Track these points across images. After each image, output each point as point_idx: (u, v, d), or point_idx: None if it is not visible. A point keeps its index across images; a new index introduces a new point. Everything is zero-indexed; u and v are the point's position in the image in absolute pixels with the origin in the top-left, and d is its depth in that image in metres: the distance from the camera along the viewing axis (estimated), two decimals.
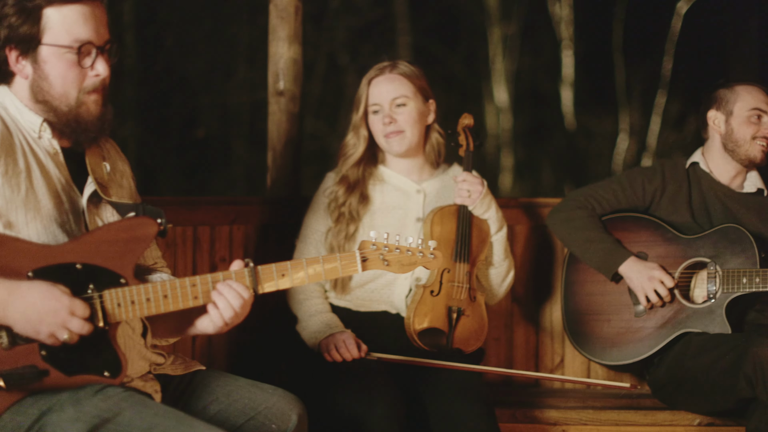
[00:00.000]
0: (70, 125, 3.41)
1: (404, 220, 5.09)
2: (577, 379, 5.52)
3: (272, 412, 3.54)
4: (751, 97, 5.18)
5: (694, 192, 5.21)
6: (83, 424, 3.12)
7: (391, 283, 5.03)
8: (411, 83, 5.07)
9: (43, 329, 3.14)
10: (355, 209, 5.05)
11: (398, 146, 5.05)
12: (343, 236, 5.01)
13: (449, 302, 4.93)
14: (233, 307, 3.42)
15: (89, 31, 3.37)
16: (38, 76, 3.37)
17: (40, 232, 3.31)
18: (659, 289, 5.05)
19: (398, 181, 5.16)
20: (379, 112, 5.06)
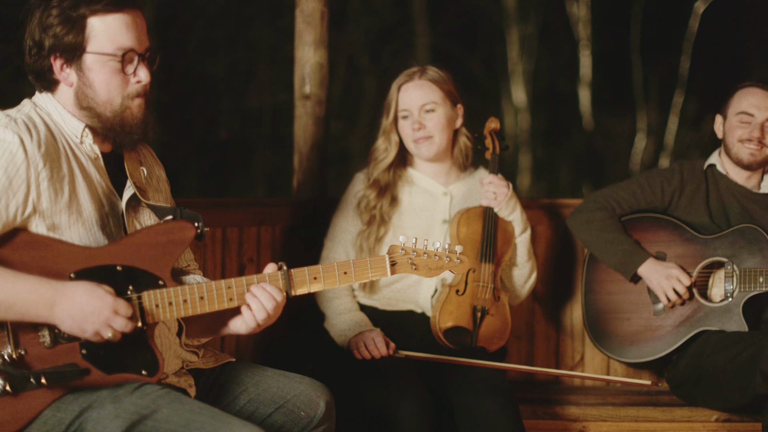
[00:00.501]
0: (114, 129, 3.49)
1: (431, 222, 5.16)
2: (597, 377, 5.54)
3: (300, 399, 3.63)
4: (744, 99, 5.22)
5: (712, 193, 5.26)
6: (122, 421, 3.22)
7: (417, 283, 5.11)
8: (440, 89, 5.13)
9: (88, 328, 3.23)
10: (386, 212, 5.13)
11: (427, 151, 5.12)
12: (374, 239, 5.09)
13: (474, 301, 4.99)
14: (266, 310, 3.51)
15: (131, 39, 3.44)
16: (83, 83, 3.44)
17: (82, 234, 3.39)
18: (677, 287, 5.11)
19: (426, 184, 5.23)
20: (409, 118, 5.12)
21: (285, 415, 3.61)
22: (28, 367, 3.25)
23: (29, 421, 3.25)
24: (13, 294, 3.17)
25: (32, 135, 3.31)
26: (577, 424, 5.11)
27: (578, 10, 15.17)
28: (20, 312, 3.19)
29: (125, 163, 3.61)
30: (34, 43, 3.43)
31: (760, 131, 5.17)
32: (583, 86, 15.35)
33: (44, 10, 3.40)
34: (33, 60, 3.46)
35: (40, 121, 3.41)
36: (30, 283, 3.19)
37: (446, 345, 4.96)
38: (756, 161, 5.19)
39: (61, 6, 3.38)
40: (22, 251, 3.28)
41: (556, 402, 5.23)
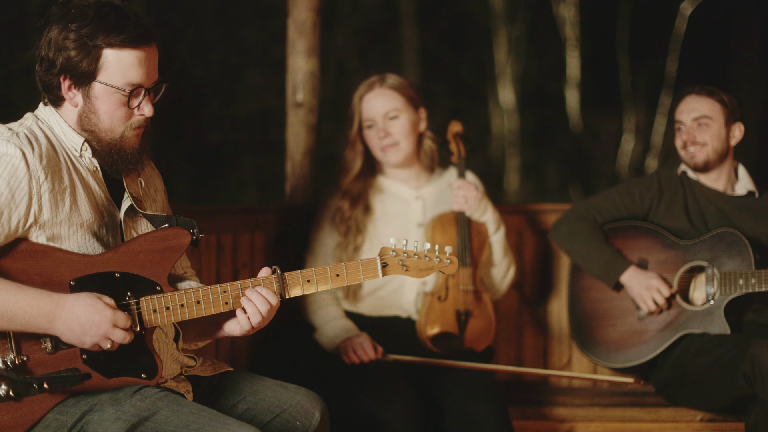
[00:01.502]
0: (111, 156, 3.54)
1: (405, 227, 5.21)
2: (583, 375, 5.61)
3: (297, 409, 3.67)
4: (677, 109, 5.36)
5: (689, 198, 5.32)
6: (123, 423, 3.30)
7: (399, 288, 5.17)
8: (401, 95, 5.18)
9: (87, 340, 3.31)
10: (361, 221, 5.17)
11: (395, 158, 5.17)
12: (352, 248, 5.15)
13: (457, 306, 5.07)
14: (261, 313, 3.57)
15: (141, 75, 3.48)
16: (88, 108, 3.49)
17: (81, 244, 3.45)
18: (656, 297, 5.17)
19: (397, 190, 5.28)
20: (373, 127, 5.17)
21: (281, 424, 3.65)
22: (30, 372, 3.31)
23: (32, 424, 3.32)
24: (14, 306, 3.23)
25: (34, 148, 3.36)
26: (564, 424, 5.18)
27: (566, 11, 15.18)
28: (21, 323, 3.26)
29: (123, 175, 3.65)
30: (46, 57, 3.47)
31: (689, 133, 5.27)
32: (570, 87, 15.35)
33: (62, 30, 3.43)
34: (43, 73, 3.50)
35: (41, 134, 3.45)
36: (31, 296, 3.26)
37: (435, 351, 5.02)
38: (702, 161, 5.27)
39: (79, 32, 3.41)
40: (22, 260, 3.34)
41: (544, 403, 5.30)
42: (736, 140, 5.27)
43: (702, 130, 5.22)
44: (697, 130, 5.23)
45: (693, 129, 5.24)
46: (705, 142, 5.21)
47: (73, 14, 3.45)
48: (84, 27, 3.42)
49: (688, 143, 5.25)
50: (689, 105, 5.27)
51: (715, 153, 5.23)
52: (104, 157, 3.55)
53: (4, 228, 3.29)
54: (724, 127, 5.22)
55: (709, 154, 5.23)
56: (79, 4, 3.48)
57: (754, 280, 5.03)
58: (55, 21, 3.47)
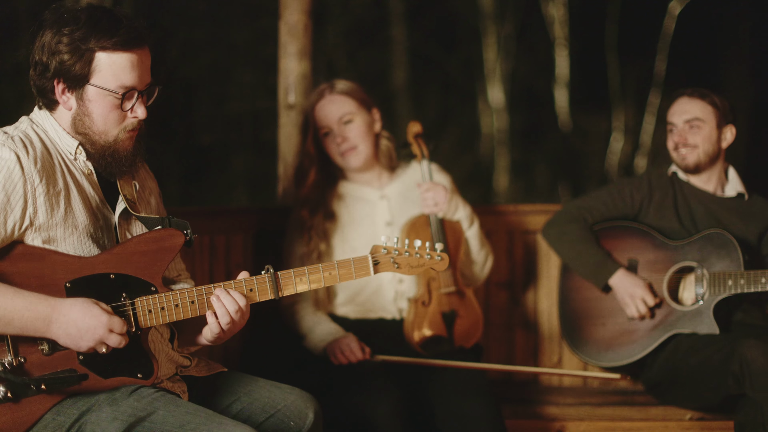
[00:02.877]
0: (105, 159, 3.57)
1: (374, 227, 5.24)
2: (572, 372, 5.65)
3: (290, 410, 3.71)
4: (669, 111, 5.38)
5: (679, 199, 5.35)
6: (120, 423, 3.33)
7: (377, 291, 5.20)
8: (352, 98, 5.20)
9: (83, 344, 3.35)
10: (321, 229, 5.19)
11: (356, 161, 5.19)
12: (316, 255, 5.15)
13: (442, 308, 5.08)
14: (230, 314, 3.58)
15: (134, 78, 3.51)
16: (82, 111, 3.52)
17: (77, 246, 3.48)
18: (640, 306, 5.21)
19: (361, 193, 5.30)
20: (330, 134, 5.19)
21: (275, 424, 3.68)
22: (27, 373, 3.35)
23: (31, 425, 3.35)
24: (12, 310, 3.27)
25: (29, 152, 3.39)
26: (555, 423, 5.21)
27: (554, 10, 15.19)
28: (18, 327, 3.29)
29: (117, 178, 3.67)
30: (40, 62, 3.49)
31: (681, 135, 5.28)
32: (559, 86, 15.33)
33: (55, 34, 3.45)
34: (37, 77, 3.53)
35: (36, 137, 3.48)
36: (28, 301, 3.29)
37: (426, 356, 5.03)
38: (693, 162, 5.29)
39: (72, 35, 3.43)
40: (18, 263, 3.37)
41: (535, 402, 5.34)
42: (727, 143, 5.29)
43: (693, 132, 5.25)
44: (688, 132, 5.25)
45: (684, 131, 5.27)
46: (696, 144, 5.24)
47: (65, 18, 3.48)
48: (77, 31, 3.45)
49: (680, 145, 5.27)
50: (681, 107, 5.29)
51: (706, 155, 5.26)
52: (98, 160, 3.58)
53: (0, 231, 3.32)
54: (716, 129, 5.25)
55: (700, 156, 5.25)
56: (72, 9, 3.51)
57: (743, 280, 5.06)
58: (48, 26, 3.49)
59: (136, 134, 3.62)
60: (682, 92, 5.33)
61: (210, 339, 3.71)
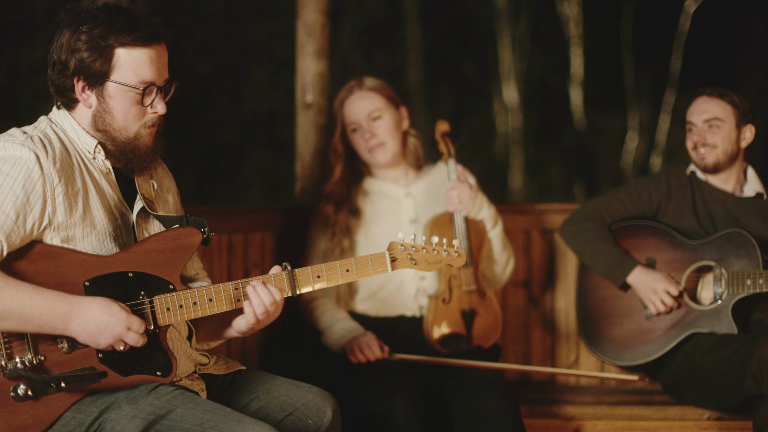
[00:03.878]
0: (126, 155, 3.58)
1: (398, 224, 5.24)
2: (589, 374, 5.64)
3: (309, 408, 3.72)
4: (688, 111, 5.35)
5: (698, 198, 5.33)
6: (140, 421, 3.35)
7: (399, 288, 5.21)
8: (381, 95, 5.22)
9: (102, 342, 3.36)
10: (345, 225, 5.21)
11: (383, 157, 5.22)
12: (339, 251, 5.18)
13: (461, 306, 5.09)
14: (265, 305, 3.59)
15: (153, 73, 3.53)
16: (102, 108, 3.53)
17: (95, 245, 3.49)
18: (665, 299, 5.19)
19: (386, 190, 5.32)
20: (358, 130, 5.22)
21: (294, 423, 3.70)
22: (47, 371, 3.36)
23: (51, 423, 3.36)
24: (31, 307, 3.27)
25: (48, 151, 3.40)
26: (572, 422, 5.20)
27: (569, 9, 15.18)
28: (38, 325, 3.30)
29: (135, 177, 3.69)
30: (59, 61, 3.51)
31: (700, 134, 5.26)
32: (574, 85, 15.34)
33: (74, 32, 3.47)
34: (56, 76, 3.54)
35: (55, 137, 3.49)
36: (47, 298, 3.30)
37: (444, 353, 5.05)
38: (713, 162, 5.26)
39: (91, 33, 3.45)
40: (37, 262, 3.39)
41: (552, 401, 5.33)
42: (746, 142, 5.27)
43: (713, 131, 5.23)
44: (707, 132, 5.24)
45: (704, 131, 5.25)
46: (715, 144, 5.22)
47: (83, 17, 3.50)
48: (95, 28, 3.47)
49: (699, 145, 5.25)
50: (700, 106, 5.27)
51: (726, 155, 5.24)
52: (119, 157, 3.60)
53: (20, 230, 3.33)
54: (735, 129, 5.23)
55: (720, 155, 5.23)
56: (88, 8, 3.53)
57: (762, 280, 5.05)
58: (66, 25, 3.51)
59: (156, 130, 3.64)
60: (702, 92, 5.31)
61: (243, 330, 3.71)
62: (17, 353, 3.34)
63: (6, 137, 3.43)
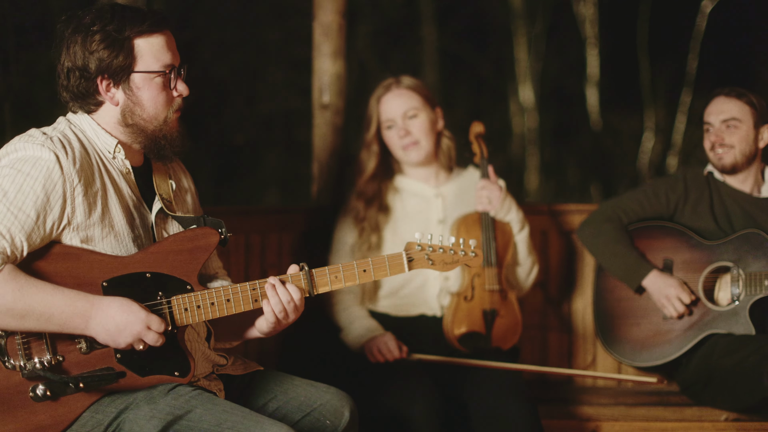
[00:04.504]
0: (158, 142, 3.62)
1: (426, 224, 5.26)
2: (607, 375, 5.60)
3: (326, 408, 3.72)
4: (705, 111, 5.33)
5: (715, 199, 5.32)
6: (158, 421, 3.36)
7: (423, 285, 5.22)
8: (418, 95, 5.25)
9: (121, 341, 3.37)
10: (375, 221, 5.24)
11: (416, 155, 5.23)
12: (366, 247, 5.20)
13: (483, 305, 5.10)
14: (283, 303, 3.61)
15: (171, 55, 3.58)
16: (131, 101, 3.56)
17: (114, 245, 3.50)
18: (677, 305, 5.19)
19: (417, 188, 5.34)
20: (393, 127, 5.24)
21: (311, 423, 3.71)
22: (66, 372, 3.38)
23: (69, 423, 3.38)
24: (51, 306, 3.29)
25: (67, 152, 3.42)
26: (590, 423, 5.19)
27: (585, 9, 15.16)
28: (58, 324, 3.32)
29: (154, 177, 3.72)
30: (76, 66, 3.52)
31: (718, 135, 5.25)
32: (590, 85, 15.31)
33: (86, 36, 3.49)
34: (76, 83, 3.54)
35: (74, 137, 3.51)
36: (68, 297, 3.32)
37: (462, 351, 5.06)
38: (730, 163, 5.26)
39: (105, 30, 3.48)
40: (56, 263, 3.40)
41: (569, 402, 5.33)
42: (764, 142, 5.26)
43: (730, 132, 5.22)
44: (725, 132, 5.23)
45: (721, 131, 5.24)
46: (733, 144, 5.21)
47: (90, 19, 3.53)
48: (108, 25, 3.50)
49: (716, 145, 5.25)
50: (718, 107, 5.26)
51: (743, 155, 5.23)
52: (151, 147, 3.63)
53: (40, 230, 3.34)
54: (753, 129, 5.22)
55: (737, 156, 5.22)
56: (88, 11, 3.57)
57: None
58: (74, 32, 3.53)
59: (179, 115, 3.67)
60: (719, 92, 5.30)
61: (265, 330, 3.73)
62: (36, 354, 3.35)
63: (26, 138, 3.44)
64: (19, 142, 3.43)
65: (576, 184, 15.57)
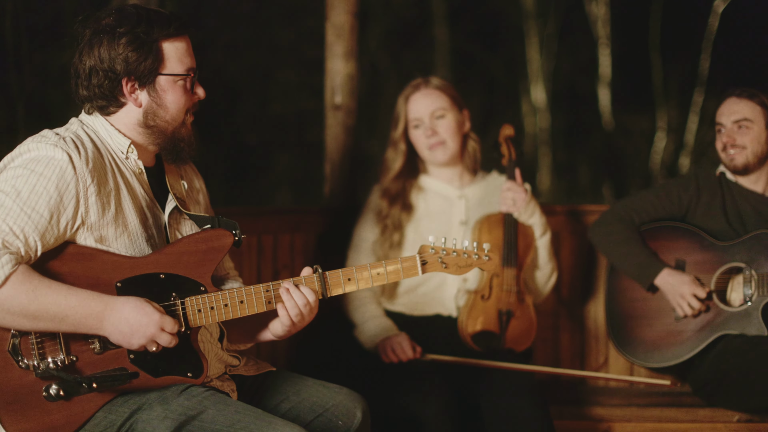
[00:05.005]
0: (177, 144, 3.64)
1: (448, 225, 5.28)
2: (620, 377, 5.62)
3: (339, 409, 3.73)
4: (717, 112, 5.34)
5: (728, 199, 5.32)
6: (171, 422, 3.37)
7: (441, 285, 5.23)
8: (446, 95, 5.27)
9: (134, 342, 3.38)
10: (397, 219, 5.25)
11: (442, 155, 5.25)
12: (388, 245, 5.22)
13: (499, 305, 5.11)
14: (299, 306, 3.61)
15: (192, 59, 3.61)
16: (155, 103, 3.57)
17: (128, 245, 3.51)
18: (692, 302, 5.19)
19: (440, 189, 5.35)
20: (420, 126, 5.25)
21: (324, 424, 3.71)
22: (79, 372, 3.38)
23: (82, 423, 3.38)
24: (66, 306, 3.30)
25: (80, 152, 3.43)
26: (602, 424, 5.18)
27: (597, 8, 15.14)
28: (72, 324, 3.32)
29: (167, 177, 3.73)
30: (101, 67, 3.52)
31: (730, 136, 5.24)
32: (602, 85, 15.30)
33: (113, 36, 3.50)
34: (99, 82, 3.55)
35: (87, 138, 3.52)
36: (82, 297, 3.32)
37: (475, 349, 5.07)
38: (742, 163, 5.25)
39: (134, 32, 3.49)
40: (70, 263, 3.41)
41: (581, 403, 5.32)
42: None
43: (742, 132, 5.21)
44: (737, 133, 5.22)
45: (733, 132, 5.23)
46: (745, 145, 5.21)
47: (112, 22, 3.54)
48: (137, 27, 3.51)
49: (728, 146, 5.24)
50: (730, 107, 5.26)
51: (755, 156, 5.22)
52: (169, 149, 3.66)
53: (54, 230, 3.35)
54: (765, 130, 5.21)
55: (749, 157, 5.22)
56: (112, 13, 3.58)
57: None
58: (98, 33, 3.54)
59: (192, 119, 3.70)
60: (731, 92, 5.29)
61: (280, 333, 3.74)
62: (49, 353, 3.36)
63: (38, 138, 3.45)
64: (32, 142, 3.44)
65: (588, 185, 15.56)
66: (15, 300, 3.26)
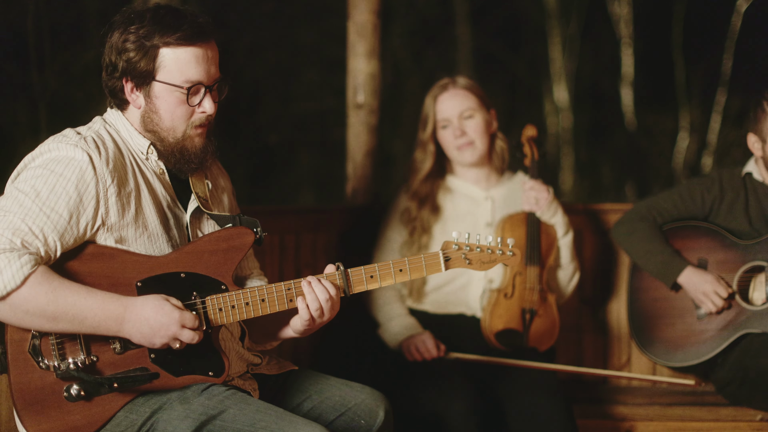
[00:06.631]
0: (174, 155, 3.59)
1: (475, 225, 5.25)
2: (644, 377, 5.58)
3: (361, 408, 3.71)
4: None
5: (751, 200, 5.29)
6: (192, 421, 3.36)
7: (466, 285, 5.22)
8: (474, 95, 5.25)
9: (156, 341, 3.36)
10: (426, 221, 5.23)
11: (471, 156, 5.23)
12: (416, 247, 5.19)
13: (522, 304, 5.10)
14: (319, 301, 3.58)
15: (200, 72, 3.53)
16: (150, 108, 3.55)
17: (148, 246, 3.50)
18: (715, 300, 5.16)
19: (467, 190, 5.33)
20: (449, 127, 5.23)
21: (346, 423, 3.70)
22: (100, 372, 3.38)
23: (103, 423, 3.38)
24: (85, 309, 3.28)
25: (101, 152, 3.42)
26: (625, 423, 5.17)
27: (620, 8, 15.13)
28: (91, 326, 3.31)
29: (190, 177, 3.70)
30: (110, 63, 3.53)
31: None
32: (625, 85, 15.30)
33: (122, 34, 3.49)
34: (108, 78, 3.57)
35: (108, 137, 3.51)
36: (100, 300, 3.31)
37: (498, 347, 5.06)
38: None
39: (138, 33, 3.47)
40: (90, 263, 3.40)
41: (604, 402, 5.31)
42: None
43: None
44: None
45: None
46: None
47: (132, 18, 3.52)
48: (141, 28, 3.49)
49: None
50: None
51: None
52: (168, 158, 3.61)
53: (73, 230, 3.35)
54: None
55: None
56: (139, 9, 3.56)
57: None
58: (116, 26, 3.54)
59: (206, 130, 3.64)
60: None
61: (300, 329, 3.70)
62: (70, 354, 3.36)
63: (60, 138, 3.45)
64: (53, 142, 3.43)
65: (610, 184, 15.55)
66: (34, 301, 3.25)
